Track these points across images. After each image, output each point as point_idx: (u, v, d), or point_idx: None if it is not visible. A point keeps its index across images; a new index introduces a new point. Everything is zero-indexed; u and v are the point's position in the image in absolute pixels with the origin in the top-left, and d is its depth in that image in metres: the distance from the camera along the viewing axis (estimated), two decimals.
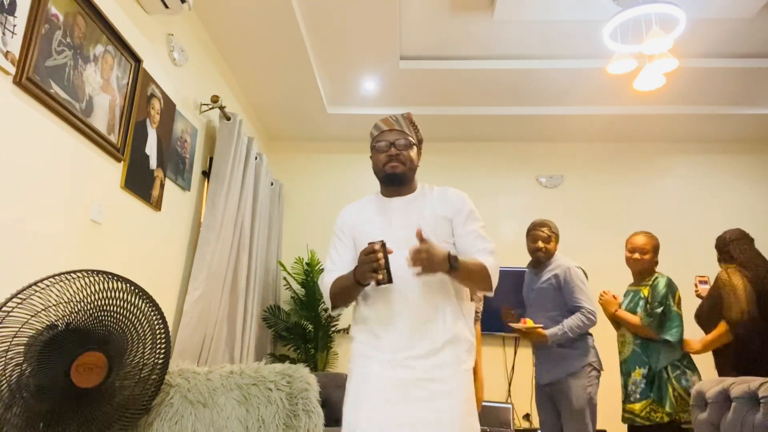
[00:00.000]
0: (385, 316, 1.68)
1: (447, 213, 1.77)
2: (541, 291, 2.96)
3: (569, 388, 2.77)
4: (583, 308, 2.83)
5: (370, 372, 1.64)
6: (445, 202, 1.80)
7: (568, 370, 2.80)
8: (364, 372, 1.66)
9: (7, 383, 1.56)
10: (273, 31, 3.43)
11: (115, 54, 2.44)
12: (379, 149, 1.79)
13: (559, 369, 2.83)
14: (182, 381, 2.14)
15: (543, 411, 3.00)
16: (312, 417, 2.09)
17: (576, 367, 2.81)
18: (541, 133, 4.86)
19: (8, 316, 1.54)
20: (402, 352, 1.63)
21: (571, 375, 2.79)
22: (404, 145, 1.78)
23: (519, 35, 3.69)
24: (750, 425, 2.01)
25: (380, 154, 1.79)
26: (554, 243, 3.02)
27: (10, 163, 1.85)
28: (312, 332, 4.26)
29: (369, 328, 1.71)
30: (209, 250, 3.19)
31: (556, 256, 3.03)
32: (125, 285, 1.82)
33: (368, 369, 1.65)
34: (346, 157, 5.02)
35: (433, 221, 1.74)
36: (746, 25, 3.53)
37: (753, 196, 4.78)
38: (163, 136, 2.89)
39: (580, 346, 2.85)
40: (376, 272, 1.54)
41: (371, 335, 1.70)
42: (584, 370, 2.80)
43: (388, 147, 1.77)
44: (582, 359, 2.83)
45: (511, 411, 3.82)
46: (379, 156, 1.79)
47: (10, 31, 1.82)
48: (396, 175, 1.77)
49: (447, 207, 1.78)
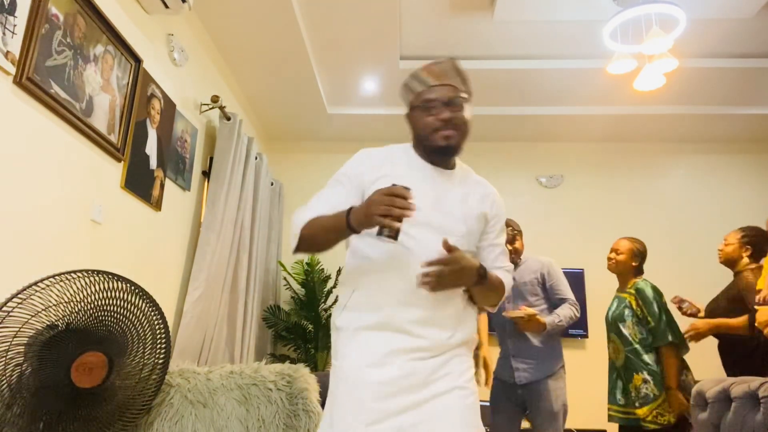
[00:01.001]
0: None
1: (488, 212, 1.52)
2: (524, 287, 2.92)
3: (548, 390, 2.74)
4: (569, 299, 2.84)
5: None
6: (488, 199, 1.54)
7: (547, 372, 2.78)
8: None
9: (8, 383, 1.56)
10: (273, 31, 3.43)
11: (115, 54, 2.44)
12: (427, 109, 1.43)
13: (539, 370, 2.79)
14: (182, 381, 2.14)
15: (502, 413, 2.87)
16: (312, 417, 2.09)
17: (554, 368, 2.80)
18: (541, 133, 4.86)
19: (8, 316, 1.54)
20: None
21: (550, 376, 2.78)
22: (460, 105, 1.43)
23: (519, 35, 3.69)
24: (750, 425, 2.01)
25: (428, 116, 1.43)
26: (520, 241, 3.01)
27: (10, 162, 1.85)
28: (312, 332, 4.25)
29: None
30: (209, 250, 3.19)
31: (525, 254, 3.02)
32: (125, 285, 1.82)
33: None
34: (347, 158, 4.90)
35: (476, 217, 1.49)
36: (746, 25, 3.53)
37: (753, 196, 4.78)
38: (163, 136, 2.89)
39: (557, 347, 2.86)
40: (393, 220, 1.20)
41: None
42: (560, 372, 2.81)
43: (442, 108, 1.42)
44: (559, 360, 2.83)
45: None
46: (426, 119, 1.43)
47: (10, 31, 1.82)
48: (450, 147, 1.44)
49: (490, 206, 1.54)
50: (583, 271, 4.59)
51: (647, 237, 4.74)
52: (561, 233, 4.77)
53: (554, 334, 2.83)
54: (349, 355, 1.39)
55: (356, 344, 1.40)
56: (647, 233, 4.74)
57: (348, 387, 1.36)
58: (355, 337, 1.41)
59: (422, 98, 1.45)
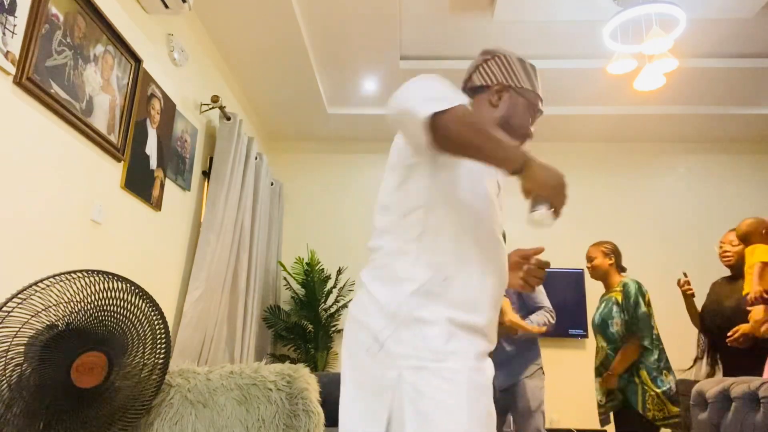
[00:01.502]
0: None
1: None
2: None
3: (525, 389, 2.77)
4: (545, 307, 2.86)
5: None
6: None
7: (525, 373, 2.81)
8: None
9: (8, 383, 1.56)
10: (273, 31, 3.43)
11: (115, 54, 2.44)
12: (533, 111, 1.40)
13: (515, 373, 2.82)
14: (182, 381, 2.14)
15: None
16: (312, 417, 2.08)
17: (532, 369, 2.83)
18: (541, 133, 4.85)
19: (8, 316, 1.54)
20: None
21: (527, 377, 2.81)
22: None
23: (519, 35, 3.69)
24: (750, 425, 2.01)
25: (530, 117, 1.40)
26: None
27: (9, 162, 1.85)
28: (312, 332, 4.25)
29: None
30: (209, 250, 3.19)
31: None
32: (125, 285, 1.82)
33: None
34: (346, 157, 5.02)
35: None
36: (746, 25, 3.53)
37: (753, 196, 4.77)
38: (163, 136, 2.89)
39: (533, 350, 2.87)
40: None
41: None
42: (537, 373, 2.83)
43: (536, 116, 1.43)
44: (536, 362, 2.85)
45: None
46: (527, 117, 1.39)
47: (10, 31, 1.82)
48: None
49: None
50: (583, 271, 4.59)
51: (647, 237, 4.77)
52: (561, 233, 4.76)
53: (528, 339, 2.84)
54: (460, 354, 1.11)
55: (460, 343, 1.13)
56: (647, 233, 4.75)
57: (477, 393, 1.10)
58: (455, 335, 1.13)
59: (536, 100, 1.40)
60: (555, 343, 4.47)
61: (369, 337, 1.13)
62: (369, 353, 1.12)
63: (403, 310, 1.12)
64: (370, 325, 1.14)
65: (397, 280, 1.15)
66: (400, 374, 1.07)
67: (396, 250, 1.19)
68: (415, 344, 1.10)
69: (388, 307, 1.13)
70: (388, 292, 1.15)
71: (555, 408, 4.31)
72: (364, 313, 1.17)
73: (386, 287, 1.16)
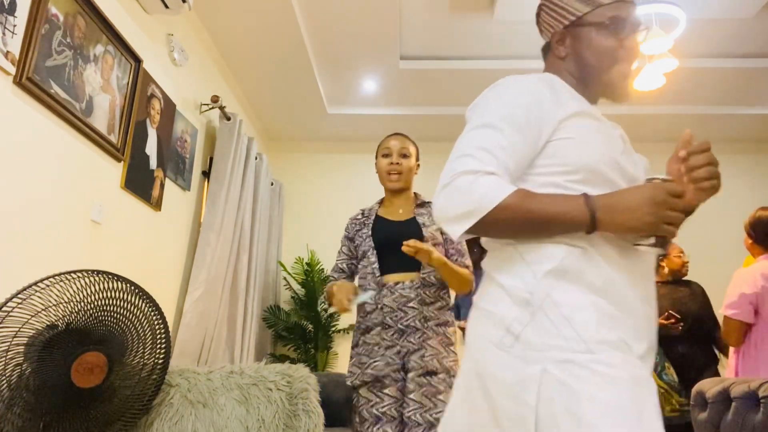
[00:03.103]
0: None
1: None
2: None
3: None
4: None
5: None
6: None
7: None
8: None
9: (8, 383, 1.56)
10: (273, 31, 3.43)
11: (115, 54, 2.44)
12: (618, 24, 1.10)
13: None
14: (182, 381, 2.14)
15: None
16: (312, 417, 2.08)
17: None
18: None
19: (8, 316, 1.54)
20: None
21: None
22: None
23: (519, 35, 3.69)
24: (750, 425, 2.01)
25: (619, 48, 1.12)
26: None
27: (9, 163, 1.85)
28: (312, 332, 4.25)
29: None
30: (209, 250, 3.19)
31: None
32: (125, 285, 1.82)
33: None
34: (346, 157, 5.02)
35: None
36: (746, 25, 3.53)
37: (752, 196, 4.77)
38: (163, 136, 2.89)
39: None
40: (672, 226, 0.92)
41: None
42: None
43: (628, 30, 1.13)
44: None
45: None
46: (618, 50, 1.11)
47: (10, 31, 1.82)
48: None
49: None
50: None
51: None
52: None
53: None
54: (615, 343, 0.93)
55: (614, 330, 0.94)
56: None
57: (642, 391, 0.92)
58: (605, 320, 0.96)
59: (609, 12, 1.08)
60: None
61: (499, 330, 0.98)
62: (501, 347, 0.97)
63: (539, 295, 0.96)
64: (500, 317, 0.98)
65: (524, 263, 1.00)
66: (544, 369, 0.91)
67: None
68: (559, 333, 0.93)
69: (519, 293, 0.98)
70: (517, 276, 1.00)
71: None
72: (492, 303, 1.02)
73: (513, 272, 1.01)
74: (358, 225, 2.19)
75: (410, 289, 1.98)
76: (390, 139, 2.19)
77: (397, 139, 2.18)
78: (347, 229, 2.22)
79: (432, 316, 1.98)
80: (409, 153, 2.15)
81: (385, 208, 2.19)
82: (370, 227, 2.12)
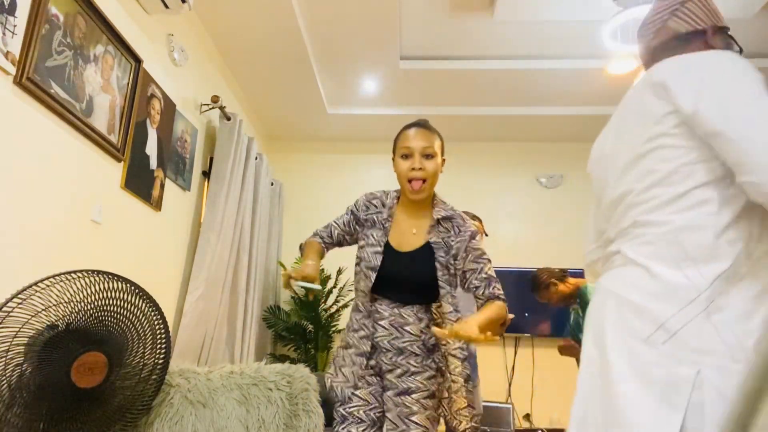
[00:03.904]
0: None
1: None
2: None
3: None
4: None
5: None
6: None
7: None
8: None
9: (8, 383, 1.56)
10: (273, 31, 3.43)
11: (115, 54, 2.44)
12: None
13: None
14: (182, 381, 2.14)
15: None
16: (312, 417, 2.08)
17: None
18: (541, 133, 4.86)
19: (8, 316, 1.54)
20: None
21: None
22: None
23: (519, 35, 3.69)
24: None
25: None
26: None
27: (10, 163, 1.85)
28: (312, 332, 4.25)
29: None
30: (209, 250, 3.19)
31: None
32: (125, 285, 1.82)
33: None
34: (346, 157, 5.02)
35: None
36: (746, 25, 3.53)
37: None
38: (163, 136, 2.89)
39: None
40: None
41: None
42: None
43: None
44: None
45: (512, 411, 3.83)
46: None
47: (10, 31, 1.82)
48: None
49: None
50: (583, 271, 4.60)
51: None
52: (561, 233, 4.77)
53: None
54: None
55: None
56: None
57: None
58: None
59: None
60: (556, 342, 4.46)
61: (651, 325, 0.96)
62: (650, 343, 0.95)
63: (705, 297, 0.93)
64: (654, 311, 0.97)
65: (689, 259, 0.98)
66: (699, 372, 0.89)
67: (687, 226, 1.00)
68: (722, 339, 0.90)
69: (683, 292, 0.96)
70: (682, 273, 0.97)
71: (555, 407, 4.32)
72: (643, 296, 0.99)
73: (677, 268, 0.98)
74: (371, 216, 1.88)
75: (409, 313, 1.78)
76: (410, 136, 1.74)
77: (418, 135, 1.73)
78: (358, 207, 1.92)
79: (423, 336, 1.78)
80: (434, 152, 1.72)
81: (397, 226, 1.84)
82: (381, 251, 1.81)
